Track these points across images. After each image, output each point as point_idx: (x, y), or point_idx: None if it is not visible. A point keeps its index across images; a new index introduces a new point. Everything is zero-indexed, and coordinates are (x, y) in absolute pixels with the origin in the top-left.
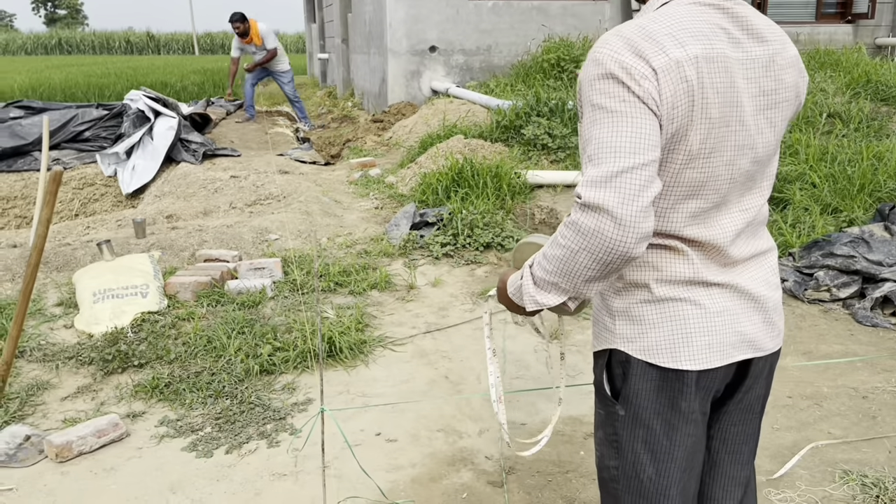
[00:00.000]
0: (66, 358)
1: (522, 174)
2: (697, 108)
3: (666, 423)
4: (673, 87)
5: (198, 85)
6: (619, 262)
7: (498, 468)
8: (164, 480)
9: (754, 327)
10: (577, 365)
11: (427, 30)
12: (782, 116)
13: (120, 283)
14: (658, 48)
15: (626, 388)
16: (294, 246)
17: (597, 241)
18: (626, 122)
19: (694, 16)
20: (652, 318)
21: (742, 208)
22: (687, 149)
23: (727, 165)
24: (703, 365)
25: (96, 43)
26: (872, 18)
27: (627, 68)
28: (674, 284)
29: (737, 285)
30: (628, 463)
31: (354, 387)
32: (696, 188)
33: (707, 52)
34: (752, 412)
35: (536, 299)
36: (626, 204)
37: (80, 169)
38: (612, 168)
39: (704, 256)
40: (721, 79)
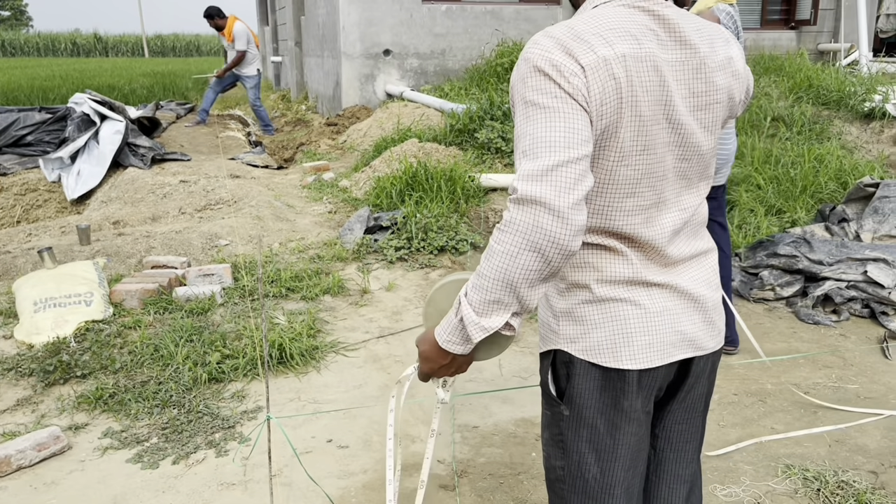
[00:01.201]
0: (5, 370)
1: (476, 177)
2: (626, 106)
3: (609, 423)
4: (601, 84)
5: (147, 88)
6: (558, 258)
7: (450, 471)
8: (108, 493)
9: (694, 327)
10: (530, 367)
11: (381, 33)
12: (713, 118)
13: (62, 291)
14: (586, 47)
15: (570, 389)
16: (244, 251)
17: (536, 235)
18: (558, 118)
19: (623, 17)
20: (594, 318)
21: (680, 208)
22: (619, 146)
23: (660, 163)
24: (643, 364)
25: (41, 45)
26: (815, 25)
27: (557, 66)
28: (614, 284)
29: (676, 285)
30: (573, 463)
31: (306, 393)
32: (632, 185)
33: (635, 51)
34: (695, 410)
35: (482, 325)
36: (561, 196)
37: (22, 174)
38: (546, 162)
39: (644, 256)
40: (650, 78)
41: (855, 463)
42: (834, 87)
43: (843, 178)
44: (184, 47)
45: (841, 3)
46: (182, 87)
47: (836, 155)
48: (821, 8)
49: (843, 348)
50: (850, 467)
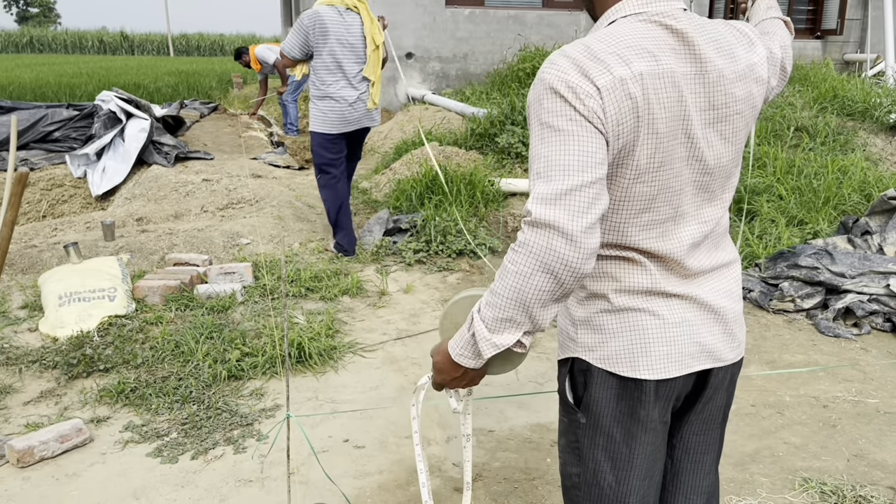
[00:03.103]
0: (30, 362)
1: (496, 182)
2: (643, 124)
3: (626, 432)
4: (617, 104)
5: (172, 87)
6: (571, 280)
7: None
8: (128, 486)
9: (714, 338)
10: (546, 372)
11: (404, 36)
12: (734, 129)
13: (87, 286)
14: (603, 67)
15: (587, 397)
16: (265, 251)
17: (549, 258)
18: (573, 141)
19: (640, 33)
20: (612, 327)
21: (700, 220)
22: (635, 164)
23: (677, 178)
24: (661, 374)
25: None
26: (841, 35)
27: (573, 87)
28: (632, 294)
29: (696, 297)
30: (589, 470)
31: (323, 393)
32: (648, 201)
33: (653, 68)
34: (713, 422)
35: (493, 342)
36: (574, 220)
37: (49, 170)
38: (560, 186)
39: (663, 268)
40: (668, 94)
41: (873, 478)
42: (859, 97)
43: (867, 191)
44: (208, 47)
45: (868, 14)
46: (206, 87)
47: (860, 166)
48: (847, 18)
49: (863, 362)
50: (868, 482)
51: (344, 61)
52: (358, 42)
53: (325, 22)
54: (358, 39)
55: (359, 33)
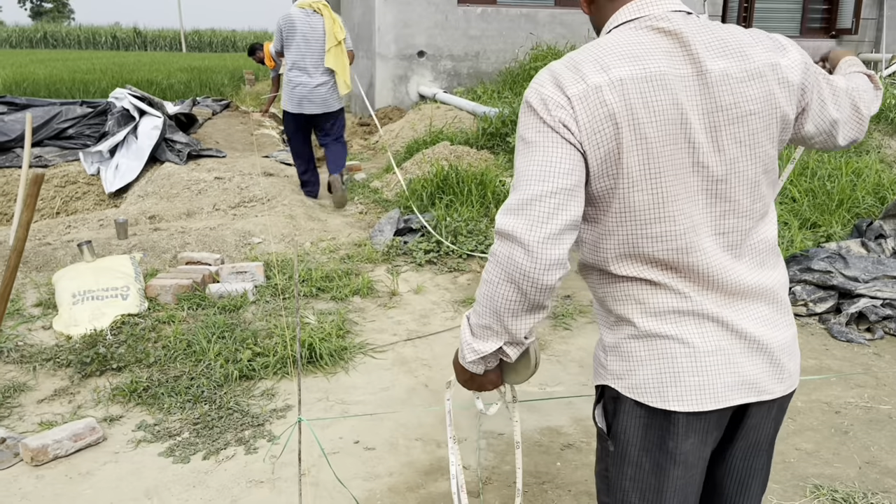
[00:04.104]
0: (44, 360)
1: (507, 182)
2: (626, 131)
3: (654, 463)
4: (590, 112)
5: (184, 83)
6: (533, 291)
7: (475, 478)
8: (140, 486)
9: (756, 369)
10: (557, 375)
11: (416, 34)
12: (749, 131)
13: (100, 284)
14: (577, 76)
15: (616, 425)
16: (277, 250)
17: (510, 268)
18: (537, 152)
19: (630, 40)
20: (640, 354)
21: (720, 231)
22: (626, 171)
23: (683, 185)
24: (692, 407)
25: (82, 38)
26: (856, 34)
27: (544, 99)
28: (659, 318)
29: (734, 324)
30: (618, 500)
31: (334, 394)
32: (654, 210)
33: (637, 73)
34: (759, 449)
35: (474, 347)
36: (532, 230)
37: (63, 167)
38: (521, 196)
39: (693, 285)
40: (657, 98)
41: (885, 485)
42: None
43: (882, 193)
44: (220, 43)
45: (884, 13)
46: (218, 83)
47: (874, 169)
48: (863, 17)
49: (876, 367)
50: (880, 490)
51: (307, 54)
52: (319, 39)
53: (294, 21)
54: (320, 37)
55: (321, 32)
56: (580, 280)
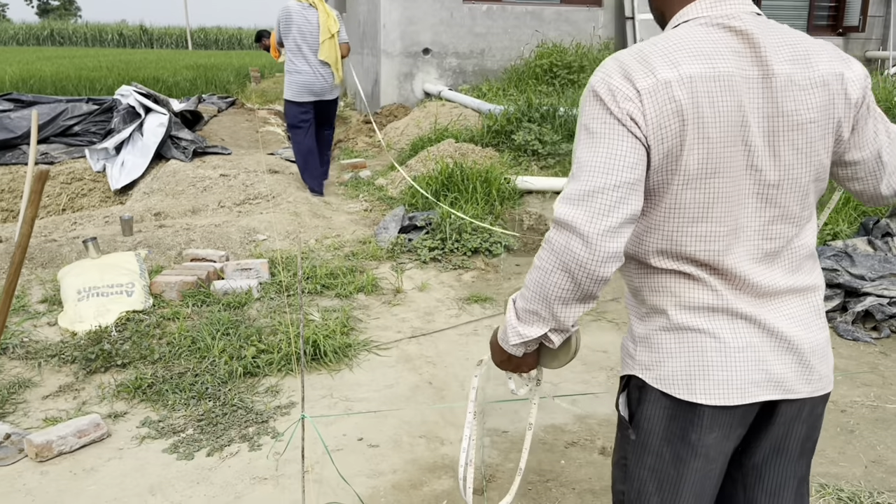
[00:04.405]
0: (49, 356)
1: (512, 179)
2: (691, 128)
3: (675, 454)
4: (658, 107)
5: (190, 81)
6: (587, 282)
7: (479, 476)
8: (144, 482)
9: (785, 368)
10: (561, 373)
11: (421, 32)
12: (808, 139)
13: (105, 281)
14: (647, 70)
15: (639, 413)
16: (282, 247)
17: (566, 257)
18: (603, 143)
19: (700, 37)
20: (669, 346)
21: (766, 236)
22: (683, 169)
23: (734, 187)
24: (718, 401)
25: (89, 35)
26: (863, 32)
27: (612, 90)
28: (692, 312)
29: (766, 322)
30: (634, 489)
31: (338, 391)
32: (703, 210)
33: (706, 71)
34: (789, 454)
35: (519, 331)
36: (593, 222)
37: (69, 163)
38: (584, 187)
39: (729, 285)
40: (723, 98)
41: (891, 484)
42: (881, 96)
43: None
44: (226, 40)
45: (891, 11)
46: (224, 81)
47: None
48: (869, 15)
49: (882, 366)
50: (885, 489)
51: (303, 46)
52: (314, 31)
53: (291, 14)
54: (314, 29)
55: (315, 25)
56: None
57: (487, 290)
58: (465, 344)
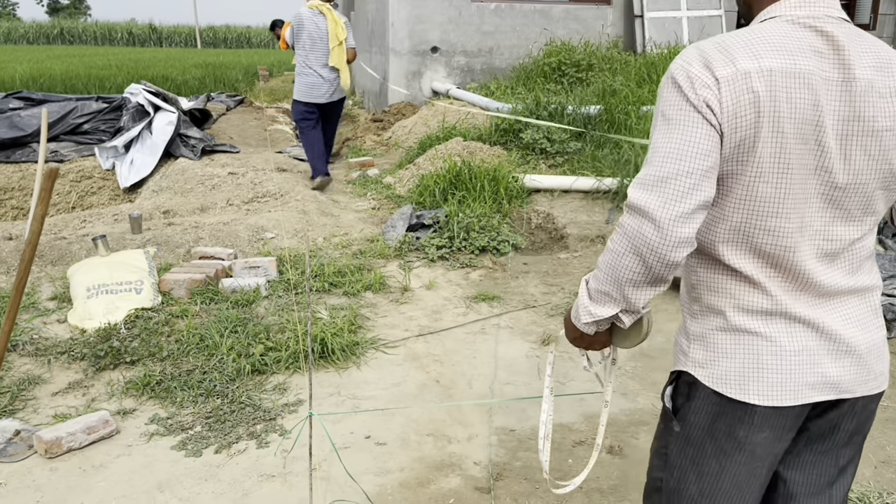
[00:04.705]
0: (59, 353)
1: (520, 178)
2: (766, 120)
3: (718, 448)
4: (735, 97)
5: (199, 79)
6: (659, 266)
7: (486, 474)
8: (153, 479)
9: (842, 370)
10: (569, 373)
11: (429, 30)
12: (881, 147)
13: (114, 278)
14: (727, 59)
15: (686, 407)
16: (290, 245)
17: (638, 241)
18: (678, 130)
19: (785, 33)
20: (725, 347)
21: (827, 237)
22: (757, 161)
23: (802, 186)
24: (771, 402)
25: (98, 34)
26: (874, 30)
27: (691, 77)
28: (751, 314)
29: (824, 325)
30: (674, 478)
31: (345, 389)
32: (775, 205)
33: (787, 66)
34: (835, 445)
35: (590, 310)
36: (666, 208)
37: (79, 161)
38: (657, 172)
39: (789, 286)
40: (800, 95)
41: None
42: None
43: None
44: (235, 39)
45: None
46: (232, 79)
47: None
48: (881, 13)
49: (892, 366)
50: (895, 489)
51: (312, 51)
52: (323, 38)
53: (304, 21)
54: (324, 35)
55: (324, 32)
56: None
57: (495, 289)
58: (473, 342)
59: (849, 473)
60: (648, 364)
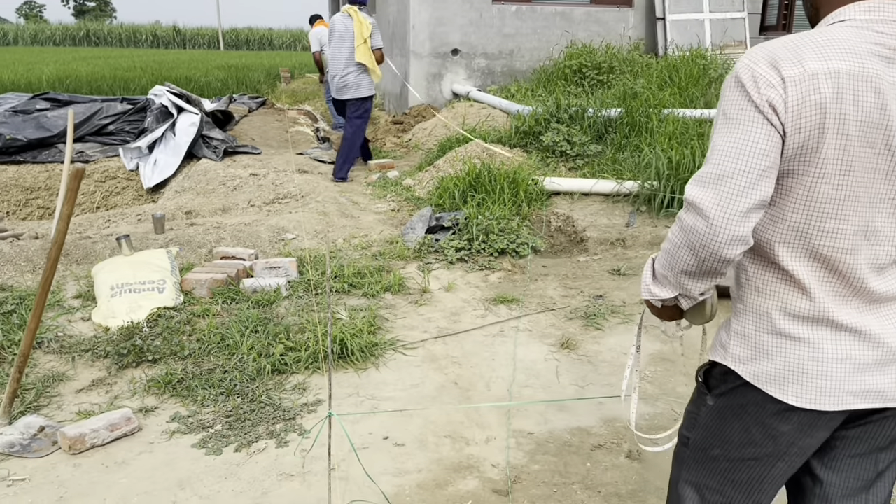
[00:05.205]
0: (83, 350)
1: (539, 181)
2: (831, 122)
3: (744, 429)
4: (801, 97)
5: (221, 81)
6: (711, 261)
7: (504, 477)
8: (174, 476)
9: (887, 378)
10: (587, 376)
11: (450, 32)
12: None
13: (137, 277)
14: (795, 59)
15: (719, 388)
16: (310, 246)
17: (692, 236)
18: (738, 129)
19: (851, 36)
20: (767, 347)
21: (894, 243)
22: (821, 162)
23: (867, 189)
24: (809, 405)
25: (123, 36)
26: None
27: (756, 76)
28: (796, 319)
29: (871, 332)
30: (700, 437)
31: (364, 389)
32: (835, 206)
33: (855, 69)
34: (873, 448)
35: (651, 290)
36: (720, 206)
37: (103, 162)
38: (714, 170)
39: (840, 291)
40: (867, 98)
41: None
42: None
43: None
44: (257, 41)
45: None
46: (254, 81)
47: None
48: None
49: None
50: None
51: (339, 49)
52: (350, 37)
53: (335, 23)
54: (350, 35)
55: (351, 31)
56: (612, 280)
57: (514, 291)
58: (491, 345)
59: (888, 478)
60: (669, 368)
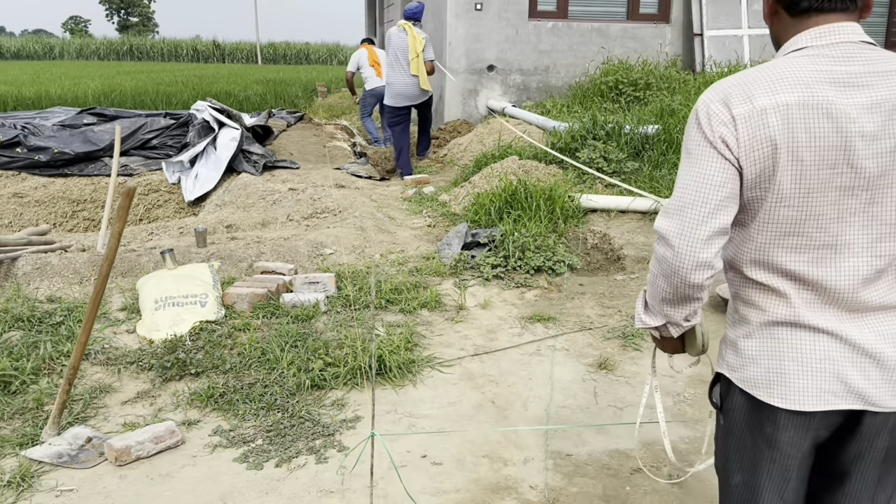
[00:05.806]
0: (128, 363)
1: (576, 198)
2: (783, 151)
3: (753, 441)
4: (750, 132)
5: (260, 95)
6: (683, 287)
7: (542, 499)
8: (216, 490)
9: (867, 382)
10: (626, 397)
11: (486, 49)
12: None
13: (180, 291)
14: (745, 97)
15: (726, 403)
16: (348, 261)
17: (663, 265)
18: (696, 164)
19: (801, 66)
20: (751, 353)
21: (874, 254)
22: (777, 188)
23: (833, 205)
24: (794, 406)
25: (165, 50)
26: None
27: (710, 114)
28: (775, 324)
29: (850, 337)
30: (722, 461)
31: (402, 407)
32: (795, 225)
33: (804, 99)
34: (871, 462)
35: (642, 318)
36: (682, 235)
37: (146, 175)
38: (677, 202)
39: (815, 299)
40: (820, 124)
41: None
42: None
43: None
44: (294, 55)
45: None
46: (292, 95)
47: None
48: None
49: None
50: None
51: (396, 61)
52: (405, 50)
53: (392, 37)
54: (405, 48)
55: (406, 45)
56: None
57: (550, 310)
58: (528, 363)
59: (888, 487)
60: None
